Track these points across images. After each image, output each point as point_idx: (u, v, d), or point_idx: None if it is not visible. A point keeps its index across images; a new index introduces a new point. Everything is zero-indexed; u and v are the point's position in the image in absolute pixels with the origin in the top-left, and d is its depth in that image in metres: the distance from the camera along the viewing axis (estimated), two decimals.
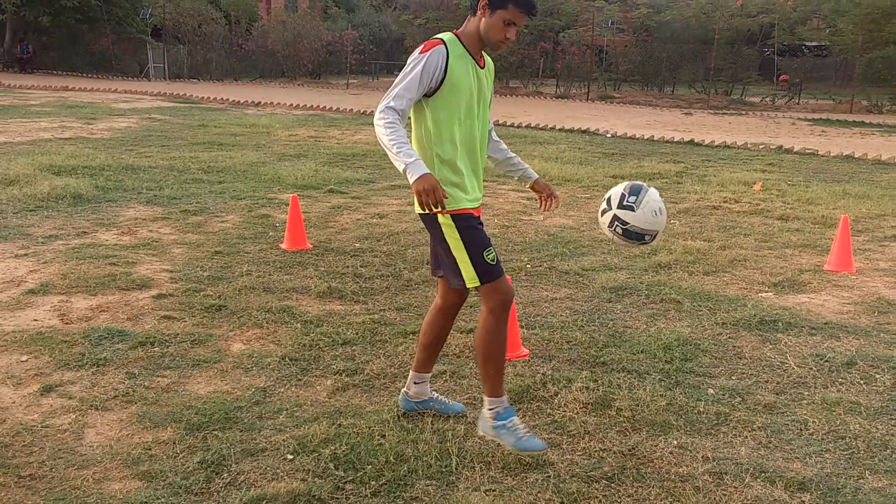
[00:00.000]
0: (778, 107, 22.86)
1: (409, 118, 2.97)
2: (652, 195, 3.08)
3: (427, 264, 5.52)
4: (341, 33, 30.56)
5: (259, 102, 19.43)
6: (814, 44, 29.95)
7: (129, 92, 21.29)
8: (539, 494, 2.80)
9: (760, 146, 13.35)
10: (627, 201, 3.06)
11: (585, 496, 2.79)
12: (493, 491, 2.80)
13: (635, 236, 3.05)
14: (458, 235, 2.91)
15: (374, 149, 11.42)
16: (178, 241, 6.08)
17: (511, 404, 3.11)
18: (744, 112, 21.30)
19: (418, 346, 3.31)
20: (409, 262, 5.66)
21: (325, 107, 18.65)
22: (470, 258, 2.90)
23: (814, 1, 29.17)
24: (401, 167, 2.73)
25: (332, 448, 3.03)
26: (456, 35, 2.96)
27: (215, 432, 3.15)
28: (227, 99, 19.95)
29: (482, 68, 3.01)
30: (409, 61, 2.87)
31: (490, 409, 3.00)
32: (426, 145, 2.94)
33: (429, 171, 2.72)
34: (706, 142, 13.89)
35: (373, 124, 2.86)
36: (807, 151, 12.86)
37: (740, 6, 24.26)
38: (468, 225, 2.92)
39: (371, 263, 5.63)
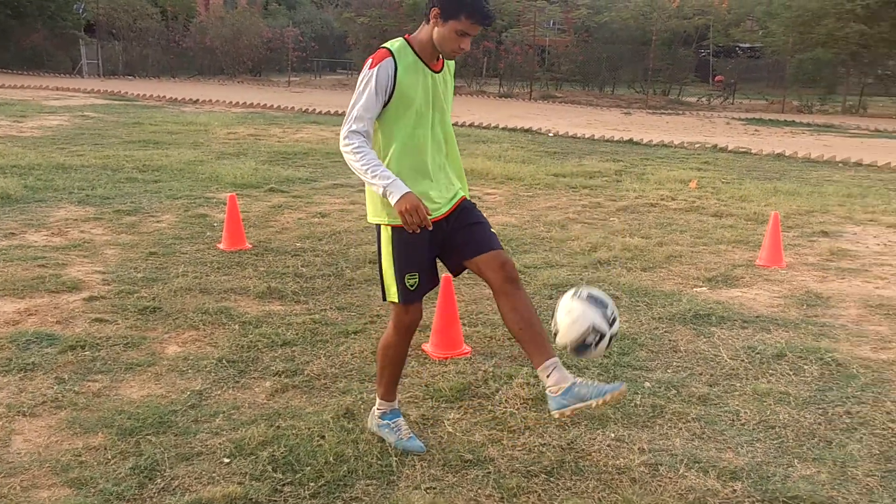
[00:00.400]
0: (713, 107, 23.42)
1: None
2: (562, 303, 2.85)
3: (371, 263, 5.50)
4: (282, 30, 30.11)
5: (197, 100, 19.03)
6: (747, 45, 30.76)
7: (62, 89, 20.60)
8: (479, 490, 2.81)
9: (696, 145, 13.67)
10: (554, 329, 2.85)
11: (525, 490, 2.81)
12: (434, 489, 2.81)
13: (581, 347, 2.77)
14: (391, 249, 2.90)
15: (317, 147, 11.31)
16: (110, 242, 5.91)
17: (399, 408, 3.16)
18: (681, 112, 21.77)
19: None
20: (351, 262, 5.62)
21: (265, 104, 18.37)
22: (395, 275, 2.91)
23: (747, 3, 29.98)
24: (379, 190, 2.70)
25: (271, 450, 2.98)
26: (407, 41, 2.87)
27: (149, 437, 3.07)
28: (164, 96, 19.49)
29: (439, 72, 2.91)
30: (360, 79, 2.80)
31: (379, 409, 3.15)
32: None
33: (409, 189, 2.70)
34: (644, 141, 14.16)
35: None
36: (740, 150, 13.22)
37: (676, 7, 24.76)
38: (404, 240, 2.85)
39: (312, 263, 5.57)
